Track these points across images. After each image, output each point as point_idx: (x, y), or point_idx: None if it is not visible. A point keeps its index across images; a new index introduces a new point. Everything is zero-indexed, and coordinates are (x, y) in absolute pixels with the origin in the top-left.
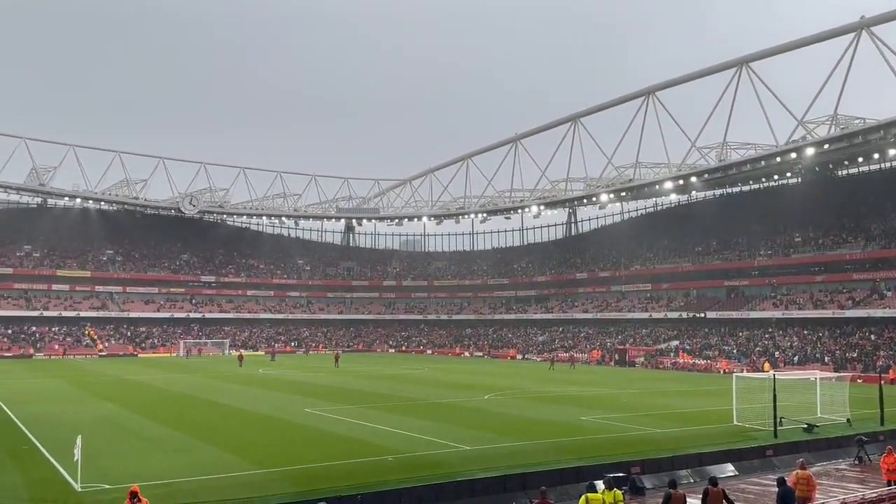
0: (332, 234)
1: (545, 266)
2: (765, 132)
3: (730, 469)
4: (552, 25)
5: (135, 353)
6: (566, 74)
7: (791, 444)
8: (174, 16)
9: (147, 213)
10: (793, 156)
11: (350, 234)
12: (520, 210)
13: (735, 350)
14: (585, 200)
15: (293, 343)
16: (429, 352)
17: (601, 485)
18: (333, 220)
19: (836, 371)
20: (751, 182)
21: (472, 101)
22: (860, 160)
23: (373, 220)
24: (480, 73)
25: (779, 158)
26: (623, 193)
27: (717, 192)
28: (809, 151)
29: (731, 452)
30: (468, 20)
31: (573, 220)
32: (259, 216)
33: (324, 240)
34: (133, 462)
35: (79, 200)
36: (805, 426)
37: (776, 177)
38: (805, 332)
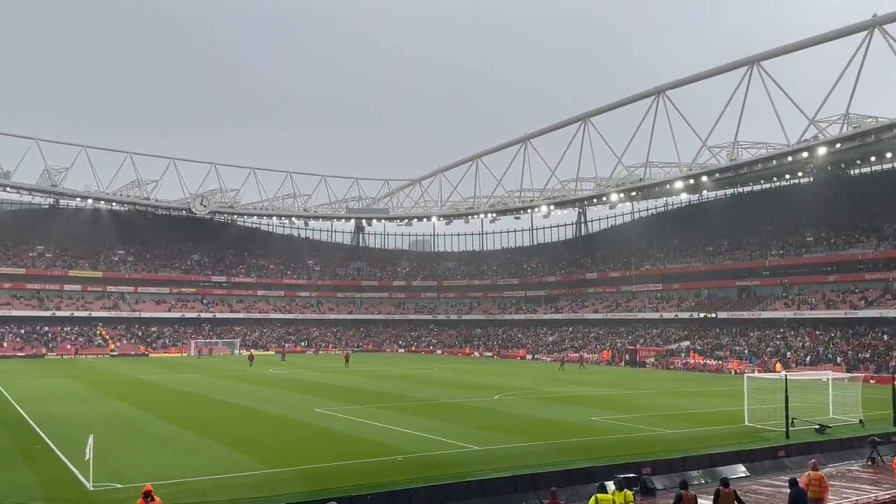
0: (342, 235)
1: (555, 266)
2: (776, 131)
3: (741, 470)
4: (562, 25)
5: (146, 353)
6: (576, 74)
7: (803, 445)
8: (185, 19)
9: (158, 214)
10: (804, 155)
11: (360, 235)
12: (529, 210)
13: (746, 350)
14: (595, 200)
15: (303, 343)
16: (438, 352)
17: (612, 485)
18: (343, 221)
19: (849, 371)
20: (762, 181)
21: (482, 102)
22: (873, 159)
23: (382, 221)
24: (490, 74)
25: (790, 158)
26: (633, 193)
27: (728, 192)
28: (821, 151)
29: (743, 453)
30: (479, 21)
31: (583, 220)
32: (269, 216)
33: (333, 240)
34: (144, 461)
35: (90, 201)
36: (817, 427)
37: (788, 176)
38: (817, 333)
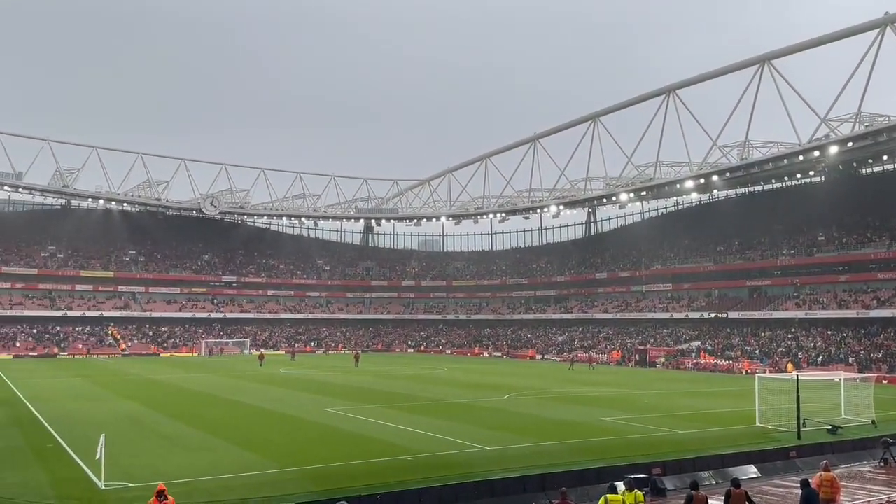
0: (352, 235)
1: (564, 266)
2: (787, 130)
3: (752, 471)
4: (572, 25)
5: (157, 353)
6: (585, 74)
7: (815, 446)
8: (191, 21)
9: (169, 214)
10: (816, 154)
11: (369, 235)
12: (539, 210)
13: (757, 350)
14: (605, 200)
15: (313, 343)
16: (447, 352)
17: (622, 486)
18: (352, 221)
19: (861, 372)
20: (773, 181)
21: (492, 102)
22: (885, 158)
23: (391, 221)
24: (499, 74)
25: (801, 157)
26: (643, 193)
27: (739, 191)
28: (833, 149)
29: (754, 454)
30: (490, 22)
31: (593, 220)
32: (279, 217)
33: (343, 240)
34: (155, 460)
35: (102, 202)
36: (829, 427)
37: (799, 175)
38: (829, 333)
